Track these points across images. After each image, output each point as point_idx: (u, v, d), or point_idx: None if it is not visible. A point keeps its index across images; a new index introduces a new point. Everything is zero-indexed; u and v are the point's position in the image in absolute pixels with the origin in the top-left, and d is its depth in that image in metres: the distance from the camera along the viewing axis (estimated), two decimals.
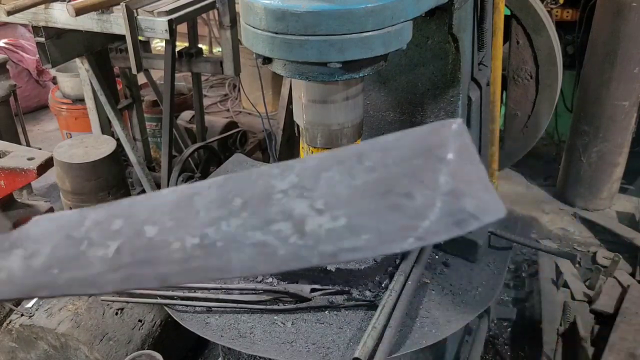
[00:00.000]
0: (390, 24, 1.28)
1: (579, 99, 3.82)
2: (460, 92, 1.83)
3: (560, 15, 4.09)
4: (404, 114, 1.96)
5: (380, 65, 1.38)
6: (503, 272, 1.69)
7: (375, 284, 1.59)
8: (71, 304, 2.44)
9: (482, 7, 1.92)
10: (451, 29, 1.70)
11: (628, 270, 3.03)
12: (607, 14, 3.46)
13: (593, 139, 3.74)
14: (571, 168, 3.97)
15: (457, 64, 1.79)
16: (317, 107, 1.51)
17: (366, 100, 1.90)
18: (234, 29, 3.17)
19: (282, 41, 1.26)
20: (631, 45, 3.41)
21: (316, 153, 0.93)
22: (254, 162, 2.31)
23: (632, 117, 3.68)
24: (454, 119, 0.63)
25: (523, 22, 3.28)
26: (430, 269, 1.68)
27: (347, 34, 1.23)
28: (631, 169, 3.94)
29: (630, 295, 2.53)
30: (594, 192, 3.93)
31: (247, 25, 1.34)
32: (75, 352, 2.37)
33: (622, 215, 3.90)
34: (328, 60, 1.26)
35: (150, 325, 2.52)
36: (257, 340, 1.46)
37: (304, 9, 1.21)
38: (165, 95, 3.28)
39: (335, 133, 1.54)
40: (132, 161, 3.48)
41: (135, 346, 2.43)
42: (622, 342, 2.26)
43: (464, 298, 1.58)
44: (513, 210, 3.98)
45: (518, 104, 3.56)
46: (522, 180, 4.40)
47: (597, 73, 3.60)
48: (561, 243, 3.68)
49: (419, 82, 1.88)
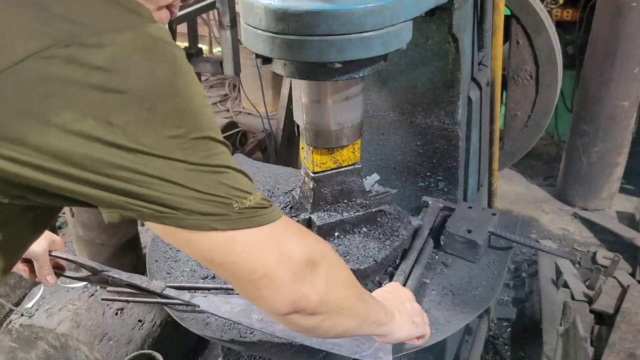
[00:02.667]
0: (390, 24, 1.28)
1: (579, 99, 3.82)
2: (460, 92, 1.83)
3: (560, 15, 4.09)
4: (404, 114, 1.96)
5: (380, 65, 1.38)
6: (503, 272, 1.69)
7: (375, 284, 1.59)
8: (71, 304, 2.44)
9: (482, 7, 1.92)
10: (451, 29, 1.70)
11: (628, 270, 3.03)
12: (607, 14, 3.46)
13: (593, 139, 3.74)
14: (571, 168, 3.97)
15: (457, 64, 1.79)
16: (317, 107, 1.51)
17: (366, 100, 1.90)
18: (234, 29, 3.17)
19: (282, 41, 1.26)
20: (631, 45, 3.41)
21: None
22: (254, 162, 2.31)
23: (632, 117, 3.68)
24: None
25: (523, 22, 3.27)
26: (430, 269, 1.68)
27: (346, 34, 1.23)
28: (631, 169, 3.94)
29: (630, 295, 2.53)
30: (594, 192, 3.93)
31: (247, 25, 1.34)
32: (75, 352, 2.37)
33: (622, 215, 3.90)
34: (328, 60, 1.26)
35: (150, 325, 2.52)
36: (257, 341, 1.46)
37: (304, 9, 1.21)
38: None
39: (335, 133, 1.54)
40: None
41: (135, 346, 2.43)
42: (622, 342, 2.26)
43: (464, 298, 1.58)
44: (513, 210, 3.99)
45: (518, 104, 3.56)
46: (522, 180, 4.40)
47: (597, 73, 3.60)
48: (561, 243, 3.68)
49: (419, 82, 1.88)
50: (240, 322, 1.38)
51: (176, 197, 0.79)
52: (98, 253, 2.46)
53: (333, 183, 1.63)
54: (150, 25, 0.78)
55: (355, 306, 1.08)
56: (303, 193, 1.70)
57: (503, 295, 3.20)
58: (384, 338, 1.24)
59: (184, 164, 0.78)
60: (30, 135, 0.71)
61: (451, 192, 1.99)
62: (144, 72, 0.74)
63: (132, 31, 0.75)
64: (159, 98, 0.75)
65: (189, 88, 0.79)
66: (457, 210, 1.83)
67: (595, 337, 2.47)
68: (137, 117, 0.74)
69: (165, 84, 0.76)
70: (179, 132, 0.77)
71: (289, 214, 1.76)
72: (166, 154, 0.76)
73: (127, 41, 0.74)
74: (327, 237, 1.63)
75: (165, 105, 0.75)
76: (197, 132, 0.79)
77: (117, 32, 0.74)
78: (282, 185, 2.06)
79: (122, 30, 0.74)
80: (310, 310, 0.96)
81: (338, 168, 1.62)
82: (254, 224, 0.86)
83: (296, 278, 0.92)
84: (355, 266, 1.55)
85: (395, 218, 1.73)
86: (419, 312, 1.32)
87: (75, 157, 0.73)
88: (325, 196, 1.64)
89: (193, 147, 0.79)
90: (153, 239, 1.84)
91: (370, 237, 1.65)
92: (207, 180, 0.81)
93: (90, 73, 0.71)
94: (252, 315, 1.38)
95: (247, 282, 0.90)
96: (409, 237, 1.72)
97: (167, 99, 0.76)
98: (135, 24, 0.76)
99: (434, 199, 1.94)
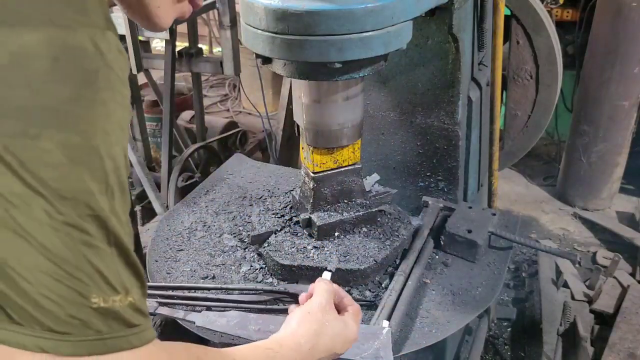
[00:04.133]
0: (390, 24, 1.28)
1: (579, 99, 3.82)
2: (460, 92, 1.83)
3: (560, 15, 4.09)
4: (404, 114, 1.96)
5: (380, 65, 1.38)
6: (503, 272, 1.69)
7: (375, 284, 1.59)
8: None
9: (482, 7, 1.93)
10: (451, 29, 1.70)
11: (628, 270, 3.03)
12: (607, 14, 3.46)
13: (593, 139, 3.74)
14: (571, 168, 3.97)
15: (457, 64, 1.79)
16: (317, 107, 1.51)
17: (366, 100, 1.90)
18: (234, 29, 3.17)
19: (282, 41, 1.26)
20: (631, 45, 3.41)
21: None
22: (254, 162, 2.31)
23: (632, 117, 3.68)
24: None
25: (523, 22, 3.27)
26: (430, 269, 1.68)
27: (346, 34, 1.23)
28: (631, 169, 3.94)
29: (630, 295, 2.53)
30: (594, 192, 3.93)
31: (247, 25, 1.34)
32: None
33: (622, 215, 3.90)
34: (328, 60, 1.26)
35: None
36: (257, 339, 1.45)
37: (304, 9, 1.21)
38: (165, 95, 3.28)
39: (336, 133, 1.54)
40: (132, 161, 3.48)
41: None
42: (622, 342, 2.27)
43: (464, 298, 1.58)
44: (513, 210, 3.99)
45: (518, 104, 3.56)
46: (522, 180, 4.40)
47: (597, 73, 3.60)
48: (561, 243, 3.68)
49: (419, 82, 1.88)
50: (238, 334, 1.38)
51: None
52: None
53: (333, 183, 1.63)
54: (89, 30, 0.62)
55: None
56: (303, 193, 1.70)
57: (503, 295, 3.20)
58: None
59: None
60: None
61: (451, 192, 1.99)
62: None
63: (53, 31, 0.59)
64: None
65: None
66: (457, 210, 1.83)
67: (595, 337, 2.48)
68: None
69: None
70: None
71: (289, 213, 1.76)
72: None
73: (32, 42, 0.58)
74: (327, 237, 1.64)
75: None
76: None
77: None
78: (282, 185, 2.06)
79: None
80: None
81: (338, 168, 1.62)
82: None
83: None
84: (356, 266, 1.55)
85: (395, 218, 1.73)
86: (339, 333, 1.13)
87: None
88: (325, 196, 1.64)
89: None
90: (153, 239, 1.84)
91: (370, 237, 1.65)
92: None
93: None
94: (249, 326, 1.39)
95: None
96: (409, 237, 1.72)
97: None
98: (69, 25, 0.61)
99: (434, 199, 1.94)
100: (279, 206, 1.81)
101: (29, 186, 0.57)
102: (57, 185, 0.58)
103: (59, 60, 0.58)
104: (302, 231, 1.68)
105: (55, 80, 0.58)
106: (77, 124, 0.59)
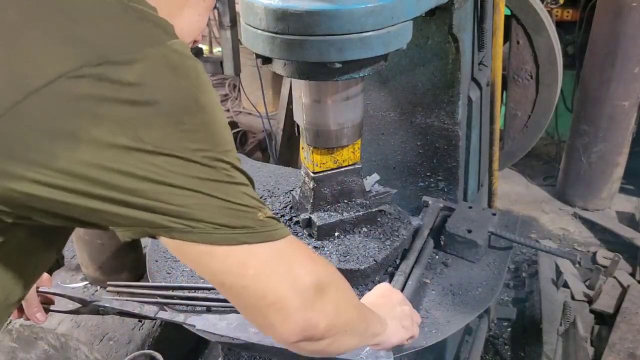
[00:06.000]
0: (390, 24, 1.28)
1: (579, 99, 3.82)
2: (460, 92, 1.83)
3: (560, 15, 4.09)
4: (404, 114, 1.96)
5: (380, 65, 1.38)
6: (503, 272, 1.69)
7: (375, 284, 1.59)
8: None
9: (482, 7, 1.93)
10: (451, 29, 1.70)
11: (628, 270, 3.03)
12: (607, 14, 3.46)
13: (593, 139, 3.74)
14: (571, 168, 3.97)
15: (457, 64, 1.79)
16: (317, 107, 1.51)
17: (366, 100, 1.90)
18: (234, 29, 3.16)
19: (282, 41, 1.26)
20: (631, 45, 3.41)
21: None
22: (254, 162, 2.31)
23: (632, 117, 3.68)
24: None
25: (523, 22, 3.27)
26: (430, 269, 1.68)
27: (346, 34, 1.23)
28: (631, 169, 3.94)
29: (630, 295, 2.53)
30: (594, 192, 3.93)
31: (247, 25, 1.34)
32: (75, 352, 2.37)
33: (622, 215, 3.90)
34: (328, 60, 1.26)
35: (150, 325, 2.52)
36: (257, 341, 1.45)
37: (304, 9, 1.21)
38: None
39: (336, 133, 1.54)
40: None
41: (135, 346, 2.43)
42: (622, 342, 2.27)
43: (464, 298, 1.58)
44: (513, 210, 3.99)
45: (518, 104, 3.56)
46: (522, 180, 4.40)
47: (597, 73, 3.60)
48: (561, 243, 3.68)
49: (419, 82, 1.88)
50: (238, 337, 1.39)
51: (203, 208, 0.79)
52: (98, 253, 2.46)
53: (333, 183, 1.63)
54: (174, 41, 0.78)
55: (358, 326, 1.08)
56: (303, 193, 1.70)
57: (503, 295, 3.20)
58: (377, 346, 1.25)
59: (209, 175, 0.79)
60: (61, 156, 0.70)
61: (451, 192, 1.99)
62: (171, 87, 0.75)
63: (160, 46, 0.76)
64: (185, 112, 0.76)
65: (212, 104, 0.80)
66: (457, 210, 1.83)
67: (595, 337, 2.48)
68: (165, 130, 0.74)
69: (190, 100, 0.77)
70: (204, 147, 0.78)
71: (289, 213, 1.76)
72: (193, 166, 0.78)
73: (156, 56, 0.74)
74: (327, 237, 1.64)
75: (191, 120, 0.76)
76: (220, 147, 0.81)
77: (147, 48, 0.74)
78: (282, 185, 2.06)
79: (152, 46, 0.75)
80: (318, 336, 0.95)
81: (338, 168, 1.62)
82: (272, 238, 0.86)
83: (305, 305, 0.90)
84: (356, 266, 1.55)
85: (395, 218, 1.73)
86: (408, 315, 1.31)
87: (103, 174, 0.72)
88: (325, 196, 1.64)
89: (215, 162, 0.80)
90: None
91: (370, 237, 1.65)
92: (232, 190, 0.82)
93: (120, 89, 0.71)
94: (249, 329, 1.39)
95: (256, 309, 0.89)
96: (409, 237, 1.72)
97: (192, 113, 0.77)
98: (161, 40, 0.77)
99: (434, 199, 1.94)
100: (279, 206, 1.81)
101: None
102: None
103: (175, 64, 0.78)
104: (302, 231, 1.68)
105: (181, 77, 0.78)
106: (207, 107, 0.80)
